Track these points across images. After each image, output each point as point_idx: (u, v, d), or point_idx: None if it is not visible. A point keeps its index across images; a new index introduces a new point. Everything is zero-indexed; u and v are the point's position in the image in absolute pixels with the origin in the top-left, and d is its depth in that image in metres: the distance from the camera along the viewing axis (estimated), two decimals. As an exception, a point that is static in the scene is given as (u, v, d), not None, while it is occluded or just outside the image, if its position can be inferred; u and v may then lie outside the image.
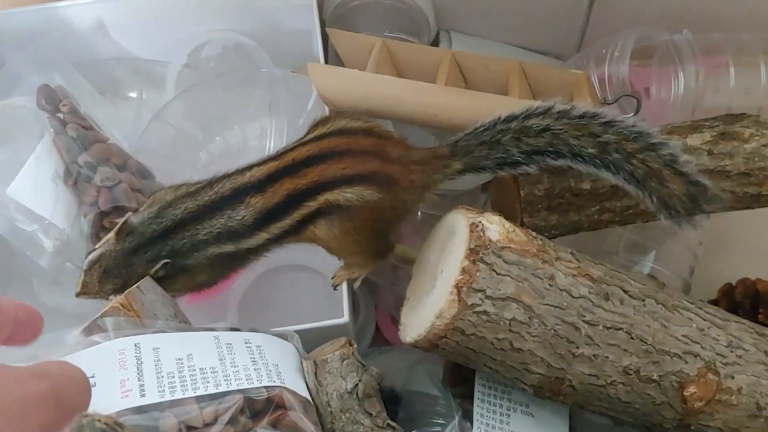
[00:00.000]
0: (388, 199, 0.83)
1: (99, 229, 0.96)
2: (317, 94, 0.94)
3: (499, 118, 0.85)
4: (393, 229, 0.88)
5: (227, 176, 0.85)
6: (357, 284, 0.93)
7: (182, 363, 0.71)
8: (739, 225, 1.11)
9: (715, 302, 1.03)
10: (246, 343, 0.76)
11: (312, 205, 0.82)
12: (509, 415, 0.87)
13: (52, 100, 1.02)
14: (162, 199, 0.85)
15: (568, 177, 0.91)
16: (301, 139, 0.87)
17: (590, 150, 0.82)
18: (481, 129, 0.86)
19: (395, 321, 1.10)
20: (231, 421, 0.66)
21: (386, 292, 1.09)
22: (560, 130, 0.83)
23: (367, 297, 1.10)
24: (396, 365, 1.03)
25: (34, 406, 0.43)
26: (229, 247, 0.83)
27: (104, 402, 0.67)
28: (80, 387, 0.46)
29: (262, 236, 0.84)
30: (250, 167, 0.84)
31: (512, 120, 0.84)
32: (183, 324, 0.80)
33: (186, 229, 0.82)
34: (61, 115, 1.01)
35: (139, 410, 0.66)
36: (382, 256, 0.92)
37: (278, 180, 0.82)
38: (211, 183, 0.85)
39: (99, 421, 0.44)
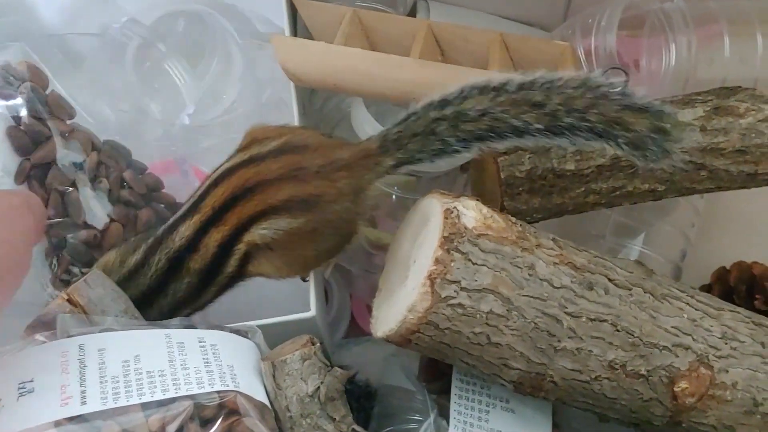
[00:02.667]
0: (314, 219, 0.77)
1: (63, 271, 0.89)
2: (282, 69, 0.87)
3: (431, 102, 0.77)
4: (344, 233, 0.81)
5: (157, 244, 0.79)
6: (327, 272, 0.87)
7: (128, 366, 0.66)
8: (734, 205, 1.06)
9: (708, 288, 0.98)
10: (200, 341, 0.70)
11: (241, 248, 0.77)
12: (488, 411, 0.82)
13: (9, 81, 0.93)
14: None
15: (551, 157, 0.86)
16: (212, 175, 0.80)
17: (537, 125, 0.75)
18: (413, 118, 0.78)
19: (371, 310, 1.05)
20: (179, 430, 0.61)
21: (361, 280, 1.04)
22: (500, 111, 0.75)
23: (341, 285, 1.04)
24: (372, 357, 0.98)
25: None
26: (188, 310, 0.81)
27: (42, 410, 0.62)
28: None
29: (212, 290, 0.80)
30: (175, 226, 0.79)
31: (446, 105, 0.77)
32: (134, 320, 0.75)
33: (144, 311, 0.78)
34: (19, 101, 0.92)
35: (80, 419, 0.61)
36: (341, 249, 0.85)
37: (206, 233, 0.77)
38: (146, 259, 0.79)
39: None
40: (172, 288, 0.79)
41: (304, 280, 0.86)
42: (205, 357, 0.68)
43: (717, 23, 0.99)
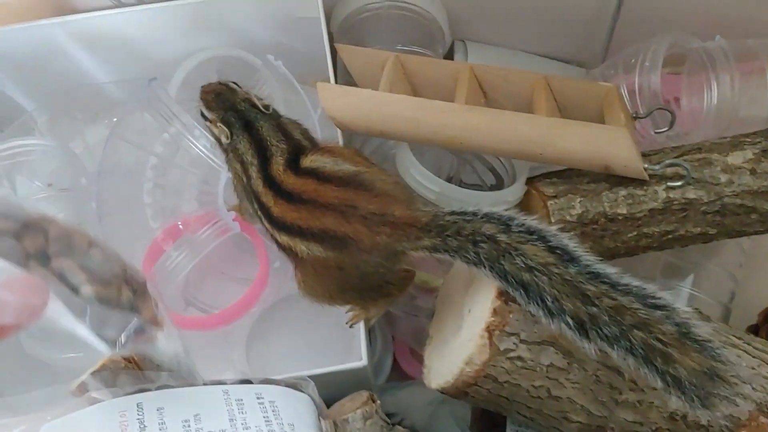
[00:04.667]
0: (342, 258, 0.76)
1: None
2: (327, 116, 0.87)
3: (495, 216, 0.71)
4: (372, 282, 0.79)
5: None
6: (371, 323, 0.86)
7: (189, 426, 0.65)
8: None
9: (755, 328, 0.97)
10: (258, 398, 0.69)
11: (283, 240, 0.79)
12: (545, 463, 0.81)
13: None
14: None
15: (602, 201, 0.85)
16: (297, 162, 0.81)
17: (569, 319, 0.66)
18: (470, 217, 0.72)
19: (414, 353, 1.04)
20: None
21: (404, 322, 1.02)
22: (547, 279, 0.67)
23: (384, 328, 1.03)
24: (417, 401, 0.97)
25: None
26: None
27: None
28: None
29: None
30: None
31: (506, 231, 0.69)
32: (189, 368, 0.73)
33: None
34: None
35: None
36: (381, 299, 0.83)
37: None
38: None
39: None
40: None
41: (350, 326, 0.85)
42: (266, 415, 0.67)
43: (758, 60, 0.99)
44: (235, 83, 0.86)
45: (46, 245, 0.67)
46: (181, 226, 0.96)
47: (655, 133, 0.94)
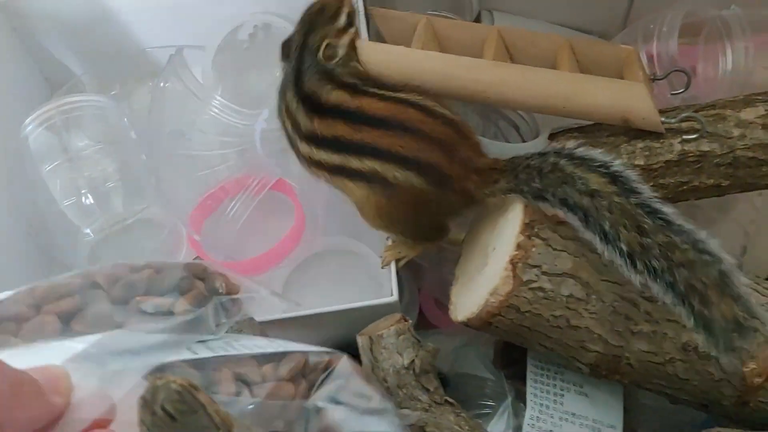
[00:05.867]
0: (437, 194, 0.80)
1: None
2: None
3: (566, 150, 0.76)
4: (436, 221, 0.85)
5: None
6: (401, 263, 0.92)
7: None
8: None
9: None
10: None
11: (355, 164, 0.80)
12: (563, 395, 0.86)
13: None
14: None
15: (620, 152, 0.90)
16: (378, 85, 0.83)
17: (622, 245, 0.71)
18: (540, 156, 0.77)
19: (439, 304, 1.09)
20: (293, 378, 0.63)
21: (430, 275, 1.08)
22: (606, 206, 0.72)
23: (411, 280, 1.08)
24: (442, 348, 1.01)
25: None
26: None
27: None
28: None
29: (307, 149, 0.83)
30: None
31: (573, 161, 0.74)
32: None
33: None
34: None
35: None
36: (427, 240, 0.90)
37: (332, 118, 0.81)
38: None
39: (174, 383, 0.43)
40: None
41: (383, 267, 0.91)
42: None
43: (773, 29, 1.03)
44: None
45: None
46: (229, 184, 1.04)
47: (672, 95, 0.98)
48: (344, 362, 0.64)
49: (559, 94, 0.89)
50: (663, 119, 0.89)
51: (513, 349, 0.88)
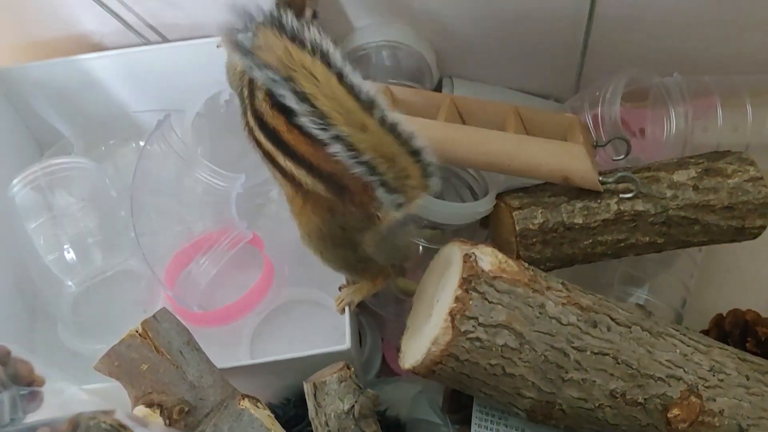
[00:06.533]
0: (341, 205, 0.84)
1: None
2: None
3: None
4: (352, 240, 0.87)
5: None
6: (353, 306, 0.98)
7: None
8: (731, 258, 1.15)
9: (706, 332, 1.06)
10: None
11: (281, 161, 0.84)
12: (506, 440, 0.91)
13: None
14: None
15: (561, 212, 0.96)
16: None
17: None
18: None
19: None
20: None
21: (392, 324, 1.14)
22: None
23: (374, 329, 1.15)
24: (401, 395, 1.07)
25: None
26: None
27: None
28: None
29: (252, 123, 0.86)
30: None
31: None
32: (195, 351, 0.85)
33: None
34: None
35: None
36: (361, 273, 0.95)
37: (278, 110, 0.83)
38: None
39: (104, 422, 0.48)
40: None
41: (341, 312, 0.98)
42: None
43: (712, 95, 1.10)
44: None
45: None
46: (202, 240, 1.10)
47: (614, 160, 1.05)
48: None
49: (504, 153, 0.95)
50: (601, 179, 0.96)
51: (461, 395, 0.94)
